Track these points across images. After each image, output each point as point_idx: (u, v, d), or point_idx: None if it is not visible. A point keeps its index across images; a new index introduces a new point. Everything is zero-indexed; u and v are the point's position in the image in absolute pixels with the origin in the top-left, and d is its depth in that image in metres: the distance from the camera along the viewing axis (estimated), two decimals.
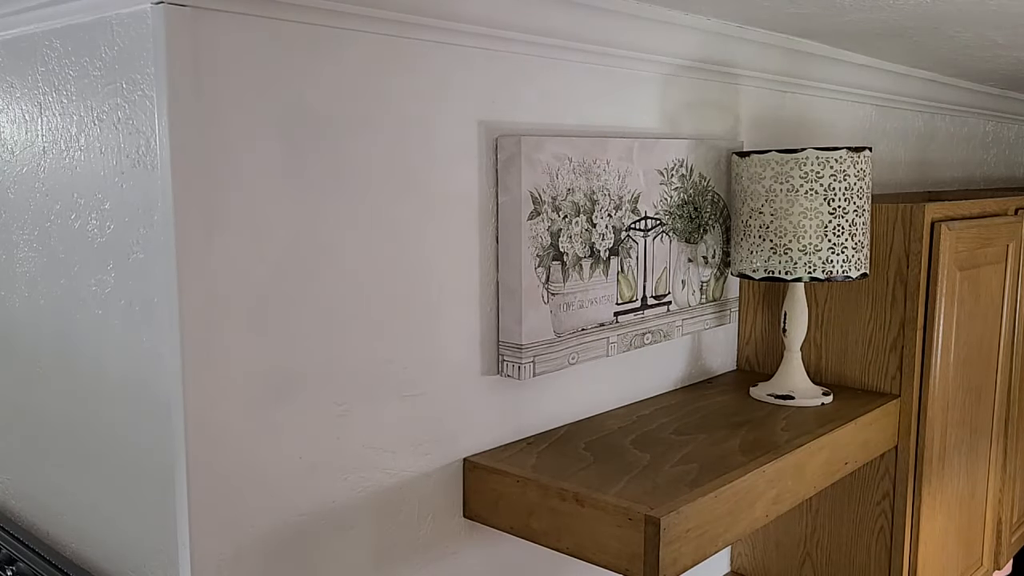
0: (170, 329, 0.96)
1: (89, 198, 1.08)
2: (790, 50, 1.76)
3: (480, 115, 1.23)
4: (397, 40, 1.12)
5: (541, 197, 1.26)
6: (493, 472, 1.24)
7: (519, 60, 1.28)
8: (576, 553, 1.16)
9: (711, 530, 1.15)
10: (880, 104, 2.25)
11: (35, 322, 1.22)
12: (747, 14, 1.51)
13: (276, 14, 0.99)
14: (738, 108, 1.73)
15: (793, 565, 1.80)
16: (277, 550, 1.07)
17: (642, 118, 1.50)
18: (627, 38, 1.40)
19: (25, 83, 1.15)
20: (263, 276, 1.02)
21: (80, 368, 1.15)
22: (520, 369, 1.26)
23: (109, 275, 1.06)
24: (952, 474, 1.77)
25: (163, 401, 1.00)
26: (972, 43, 1.82)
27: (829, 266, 1.44)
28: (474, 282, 1.25)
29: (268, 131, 1.01)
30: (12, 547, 1.25)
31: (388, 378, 1.16)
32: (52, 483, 1.25)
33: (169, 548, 1.02)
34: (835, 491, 1.71)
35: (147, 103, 0.95)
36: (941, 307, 1.61)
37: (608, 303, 1.39)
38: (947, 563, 1.81)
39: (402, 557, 1.21)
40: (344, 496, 1.13)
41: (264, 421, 1.04)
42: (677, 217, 1.51)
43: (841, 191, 1.44)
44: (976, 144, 2.91)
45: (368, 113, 1.10)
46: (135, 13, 0.95)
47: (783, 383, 1.58)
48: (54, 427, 1.23)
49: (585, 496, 1.13)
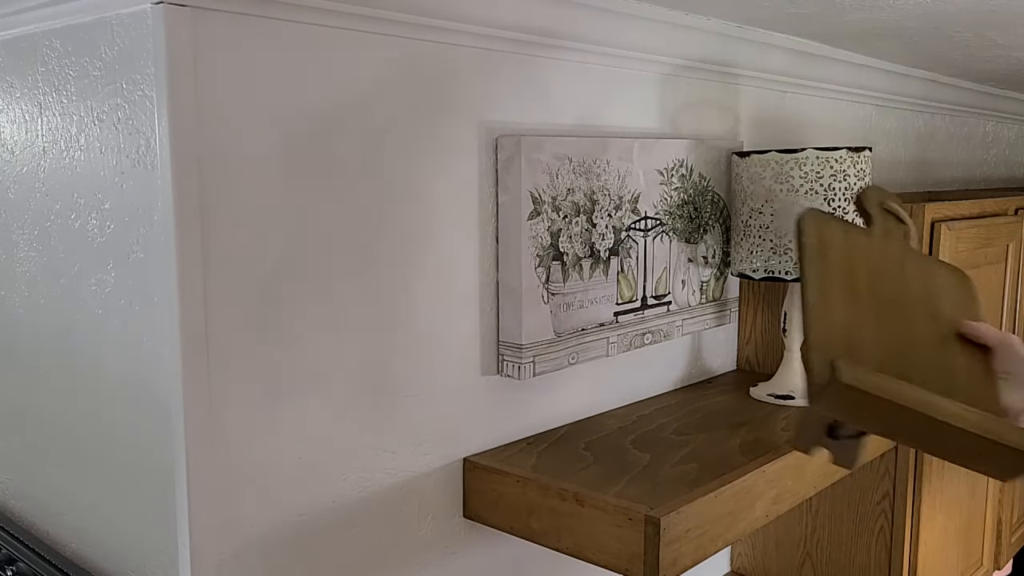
0: (170, 329, 0.96)
1: (89, 198, 1.08)
2: (790, 50, 1.76)
3: (480, 115, 1.23)
4: (397, 40, 1.12)
5: (541, 197, 1.26)
6: (493, 472, 1.24)
7: (519, 60, 1.28)
8: (576, 553, 1.16)
9: (711, 530, 1.15)
10: (880, 104, 2.25)
11: (35, 322, 1.22)
12: (747, 14, 1.51)
13: (276, 14, 0.99)
14: (738, 108, 1.73)
15: (793, 565, 1.80)
16: (277, 550, 1.07)
17: (642, 118, 1.50)
18: (627, 38, 1.40)
19: (25, 83, 1.15)
20: (263, 276, 1.02)
21: (80, 368, 1.15)
22: (520, 369, 1.26)
23: (109, 275, 1.06)
24: (952, 474, 1.77)
25: (163, 401, 1.00)
26: (972, 43, 1.82)
27: None
28: (474, 282, 1.25)
29: (268, 131, 1.01)
30: (12, 547, 1.25)
31: (388, 378, 1.16)
32: (52, 483, 1.25)
33: (169, 548, 1.02)
34: (835, 491, 1.71)
35: (147, 103, 0.95)
36: None
37: (608, 303, 1.39)
38: (947, 563, 1.81)
39: (402, 557, 1.21)
40: (344, 496, 1.13)
41: (264, 421, 1.04)
42: (677, 217, 1.51)
43: (841, 191, 1.44)
44: (976, 144, 2.91)
45: (368, 113, 1.10)
46: (135, 13, 0.95)
47: (783, 383, 1.58)
48: (54, 427, 1.23)
49: (585, 496, 1.13)
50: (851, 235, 1.13)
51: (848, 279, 1.06)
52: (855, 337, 1.00)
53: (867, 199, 1.18)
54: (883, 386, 0.91)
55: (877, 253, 1.14)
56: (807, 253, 1.05)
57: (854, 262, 1.09)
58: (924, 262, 1.21)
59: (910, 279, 1.14)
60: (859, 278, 1.07)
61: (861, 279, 1.07)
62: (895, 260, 1.15)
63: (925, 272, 1.17)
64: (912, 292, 1.13)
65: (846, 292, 1.05)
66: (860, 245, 1.12)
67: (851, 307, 1.04)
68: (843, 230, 1.12)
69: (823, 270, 1.05)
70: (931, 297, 1.14)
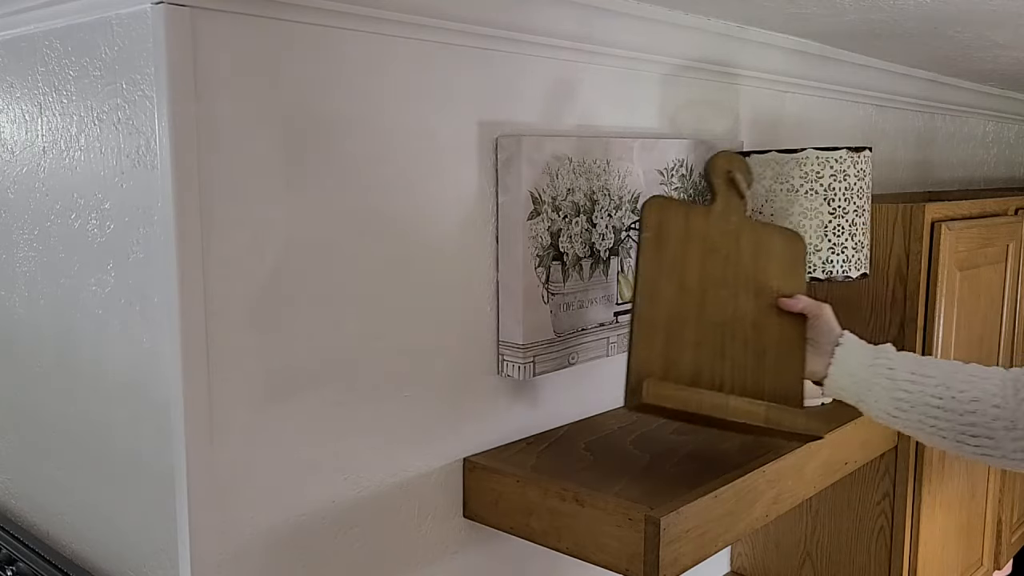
0: (170, 329, 0.96)
1: (89, 198, 1.08)
2: (790, 50, 1.76)
3: (480, 115, 1.23)
4: (397, 40, 1.12)
5: (541, 197, 1.26)
6: (493, 472, 1.24)
7: (519, 60, 1.28)
8: (576, 553, 1.16)
9: (711, 530, 1.15)
10: (880, 104, 2.25)
11: (35, 322, 1.22)
12: (747, 14, 1.51)
13: (276, 14, 0.99)
14: (738, 108, 1.73)
15: (793, 565, 1.80)
16: (277, 550, 1.07)
17: (642, 118, 1.50)
18: (627, 38, 1.40)
19: (25, 83, 1.15)
20: (263, 276, 1.02)
21: (80, 368, 1.15)
22: (520, 369, 1.26)
23: (109, 275, 1.06)
24: (952, 474, 1.77)
25: (163, 401, 1.00)
26: (972, 43, 1.82)
27: (829, 266, 1.44)
28: (474, 282, 1.25)
29: (268, 131, 1.01)
30: (12, 547, 1.25)
31: (388, 377, 1.16)
32: (52, 483, 1.25)
33: (169, 548, 1.02)
34: (835, 491, 1.71)
35: (147, 103, 0.95)
36: (941, 307, 1.60)
37: (608, 303, 1.39)
38: (947, 563, 1.81)
39: (402, 557, 1.21)
40: (344, 496, 1.13)
41: (264, 421, 1.04)
42: None
43: (841, 191, 1.44)
44: (976, 144, 2.91)
45: (368, 113, 1.10)
46: (135, 13, 0.95)
47: None
48: (54, 427, 1.23)
49: (585, 496, 1.13)
50: (691, 218, 1.25)
51: (680, 272, 1.21)
52: (675, 336, 1.18)
53: (714, 169, 1.28)
54: (679, 397, 1.14)
55: (715, 232, 1.26)
56: (644, 252, 1.20)
57: (688, 251, 1.22)
58: (759, 232, 1.31)
59: (743, 253, 1.26)
60: (691, 268, 1.22)
61: (692, 268, 1.22)
62: (732, 235, 1.27)
63: (758, 241, 1.29)
64: (742, 267, 1.25)
65: (675, 287, 1.20)
66: (698, 228, 1.24)
67: (678, 301, 1.19)
68: (684, 214, 1.24)
69: (656, 270, 1.19)
70: (759, 270, 1.27)
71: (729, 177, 1.29)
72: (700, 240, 1.24)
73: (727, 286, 1.23)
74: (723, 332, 1.21)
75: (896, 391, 1.11)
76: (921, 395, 1.09)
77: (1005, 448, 1.04)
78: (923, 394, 1.09)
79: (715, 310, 1.20)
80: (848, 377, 1.15)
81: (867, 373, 1.13)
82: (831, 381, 1.17)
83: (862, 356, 1.16)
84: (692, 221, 1.24)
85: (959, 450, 1.08)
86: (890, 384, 1.12)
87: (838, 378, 1.16)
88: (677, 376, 1.17)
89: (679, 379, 1.16)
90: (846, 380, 1.16)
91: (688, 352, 1.19)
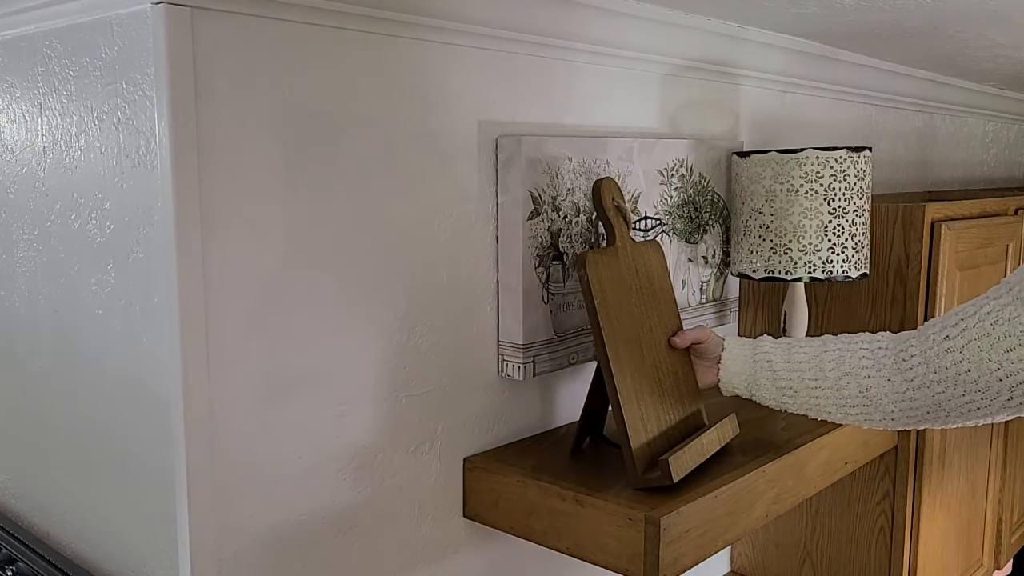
0: (170, 329, 0.96)
1: (89, 198, 1.08)
2: (790, 50, 1.76)
3: (480, 115, 1.23)
4: (397, 40, 1.12)
5: (541, 197, 1.26)
6: (493, 472, 1.24)
7: (519, 60, 1.28)
8: (576, 553, 1.16)
9: (711, 530, 1.15)
10: (880, 104, 2.25)
11: (35, 322, 1.22)
12: (747, 14, 1.51)
13: (276, 14, 0.99)
14: (738, 108, 1.73)
15: (793, 565, 1.80)
16: (277, 550, 1.07)
17: (642, 118, 1.50)
18: (627, 38, 1.40)
19: (25, 83, 1.15)
20: (263, 276, 1.02)
21: (80, 368, 1.15)
22: (520, 369, 1.26)
23: (109, 275, 1.06)
24: (952, 474, 1.77)
25: (163, 401, 1.00)
26: (972, 43, 1.82)
27: (829, 266, 1.44)
28: (474, 282, 1.25)
29: (268, 131, 1.01)
30: (12, 547, 1.25)
31: (387, 378, 1.16)
32: (52, 483, 1.25)
33: (169, 548, 1.02)
34: (835, 491, 1.71)
35: (147, 103, 0.95)
36: (941, 307, 1.60)
37: None
38: (947, 563, 1.81)
39: (402, 557, 1.21)
40: (344, 496, 1.13)
41: (264, 421, 1.04)
42: (677, 217, 1.51)
43: (841, 191, 1.44)
44: (976, 144, 2.91)
45: (368, 113, 1.10)
46: (135, 13, 0.95)
47: None
48: (54, 427, 1.23)
49: (585, 496, 1.13)
50: (611, 265, 1.24)
51: (623, 325, 1.21)
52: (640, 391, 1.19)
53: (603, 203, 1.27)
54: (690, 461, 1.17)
55: (624, 270, 1.26)
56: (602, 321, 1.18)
57: (620, 300, 1.23)
58: (638, 251, 1.31)
59: (641, 280, 1.28)
60: (626, 317, 1.23)
61: (627, 317, 1.23)
62: (631, 267, 1.28)
63: (643, 262, 1.31)
64: (644, 295, 1.28)
65: (625, 343, 1.21)
66: (616, 272, 1.24)
67: (631, 357, 1.20)
68: (607, 264, 1.23)
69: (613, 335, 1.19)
70: (654, 290, 1.30)
71: (615, 205, 1.28)
72: (621, 284, 1.24)
73: (646, 320, 1.26)
74: (656, 367, 1.24)
75: (778, 380, 1.18)
76: (800, 380, 1.17)
77: (885, 410, 1.11)
78: (801, 378, 1.16)
79: (647, 349, 1.24)
80: (737, 377, 1.23)
81: (751, 369, 1.21)
82: (723, 385, 1.25)
83: (744, 355, 1.22)
84: (612, 267, 1.23)
85: (845, 420, 1.16)
86: (771, 375, 1.19)
87: (728, 380, 1.24)
88: (650, 429, 1.19)
89: (651, 431, 1.19)
90: (736, 380, 1.23)
91: (647, 400, 1.20)
